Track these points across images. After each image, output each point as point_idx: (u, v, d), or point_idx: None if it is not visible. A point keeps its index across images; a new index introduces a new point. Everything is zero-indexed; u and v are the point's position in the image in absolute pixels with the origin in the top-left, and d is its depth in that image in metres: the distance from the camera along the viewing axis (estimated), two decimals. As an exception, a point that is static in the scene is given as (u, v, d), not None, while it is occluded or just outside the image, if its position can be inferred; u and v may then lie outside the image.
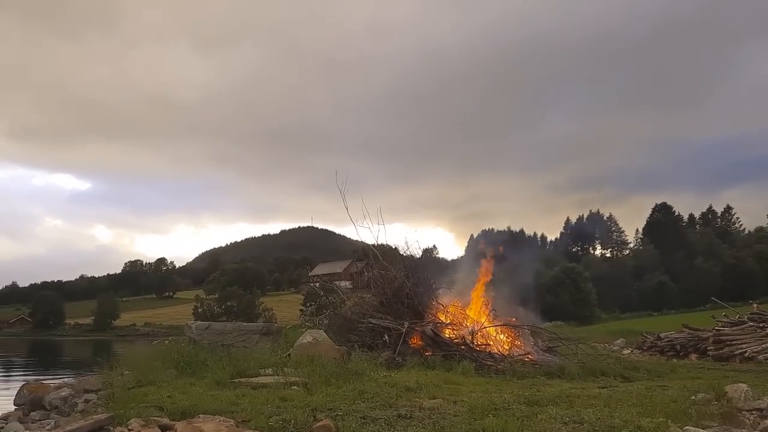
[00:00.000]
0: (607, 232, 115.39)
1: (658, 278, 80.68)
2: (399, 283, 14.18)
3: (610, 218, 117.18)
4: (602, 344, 21.16)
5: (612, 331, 29.75)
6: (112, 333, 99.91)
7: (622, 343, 23.48)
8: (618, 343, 23.25)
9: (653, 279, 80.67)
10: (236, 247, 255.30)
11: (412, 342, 12.90)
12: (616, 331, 29.08)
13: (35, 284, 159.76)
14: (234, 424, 5.82)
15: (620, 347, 21.95)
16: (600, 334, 27.72)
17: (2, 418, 8.74)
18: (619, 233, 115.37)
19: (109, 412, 6.44)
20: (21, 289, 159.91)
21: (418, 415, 6.35)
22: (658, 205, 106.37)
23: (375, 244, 16.05)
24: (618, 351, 19.70)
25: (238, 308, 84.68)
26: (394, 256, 15.94)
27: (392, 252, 16.41)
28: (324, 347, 10.46)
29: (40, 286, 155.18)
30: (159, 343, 13.41)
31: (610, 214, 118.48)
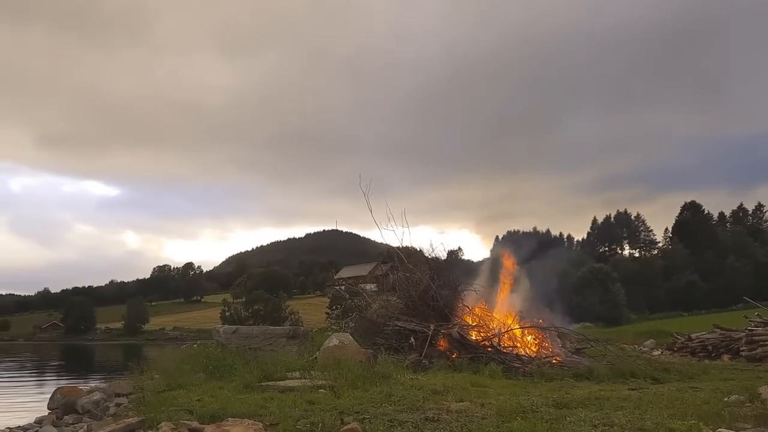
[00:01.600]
0: (634, 232, 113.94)
1: (688, 278, 79.48)
2: (424, 285, 14.15)
3: (637, 218, 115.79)
4: (631, 345, 20.88)
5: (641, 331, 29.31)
6: (141, 337, 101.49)
7: (651, 344, 23.12)
8: (648, 344, 22.90)
9: (683, 279, 79.49)
10: (262, 251, 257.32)
11: (438, 344, 12.85)
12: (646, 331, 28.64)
13: (67, 290, 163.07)
14: (262, 427, 5.85)
15: (650, 348, 21.62)
16: (629, 335, 27.35)
17: (37, 422, 8.93)
18: (647, 232, 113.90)
19: (140, 415, 6.54)
20: (53, 294, 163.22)
21: (445, 418, 6.33)
22: (686, 204, 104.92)
23: (400, 247, 16.07)
24: (648, 352, 19.40)
25: (264, 312, 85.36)
26: (419, 258, 15.92)
27: (417, 254, 16.40)
28: (350, 350, 10.47)
29: (72, 291, 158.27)
30: (188, 347, 13.61)
31: (637, 214, 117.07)
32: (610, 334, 24.16)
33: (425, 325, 12.98)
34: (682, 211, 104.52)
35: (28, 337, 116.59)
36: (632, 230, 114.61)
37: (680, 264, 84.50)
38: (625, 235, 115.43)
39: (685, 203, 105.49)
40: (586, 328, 27.67)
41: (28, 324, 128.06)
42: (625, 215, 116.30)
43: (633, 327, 39.15)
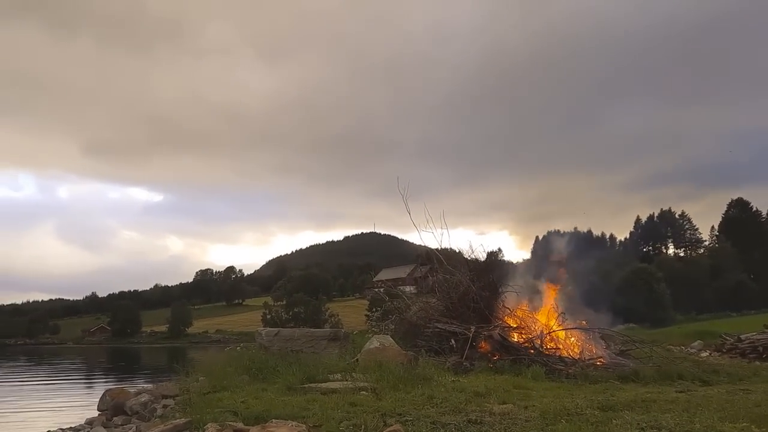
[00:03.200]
0: (679, 231, 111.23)
1: (737, 277, 77.20)
2: (464, 287, 14.08)
3: (682, 216, 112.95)
4: (678, 347, 20.36)
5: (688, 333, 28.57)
6: (185, 340, 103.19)
7: (699, 345, 22.52)
8: (695, 346, 22.31)
9: (731, 278, 77.25)
10: (301, 255, 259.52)
11: (479, 346, 12.77)
12: (693, 332, 27.89)
13: (113, 294, 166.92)
14: (306, 428, 5.90)
15: (697, 350, 21.06)
16: (675, 336, 26.67)
17: (87, 423, 9.19)
18: (692, 231, 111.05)
19: (186, 417, 6.66)
20: (100, 299, 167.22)
21: (488, 420, 6.29)
22: (733, 201, 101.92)
23: (439, 249, 16.02)
24: (695, 354, 18.92)
25: (305, 314, 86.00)
26: (458, 260, 15.85)
27: (456, 256, 16.33)
28: (391, 352, 10.49)
29: (118, 295, 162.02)
30: (231, 349, 13.82)
31: (682, 212, 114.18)
32: (656, 335, 23.60)
33: (466, 327, 12.91)
34: (729, 208, 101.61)
35: (77, 340, 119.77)
36: (677, 229, 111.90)
37: (728, 263, 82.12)
38: (669, 234, 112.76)
39: (732, 200, 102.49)
40: (630, 329, 27.09)
41: (76, 328, 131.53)
42: (670, 214, 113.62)
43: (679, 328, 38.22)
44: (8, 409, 20.90)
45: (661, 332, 31.66)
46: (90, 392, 27.60)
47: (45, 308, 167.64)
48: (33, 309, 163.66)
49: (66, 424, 10.19)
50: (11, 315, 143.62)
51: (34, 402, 23.08)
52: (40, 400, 23.67)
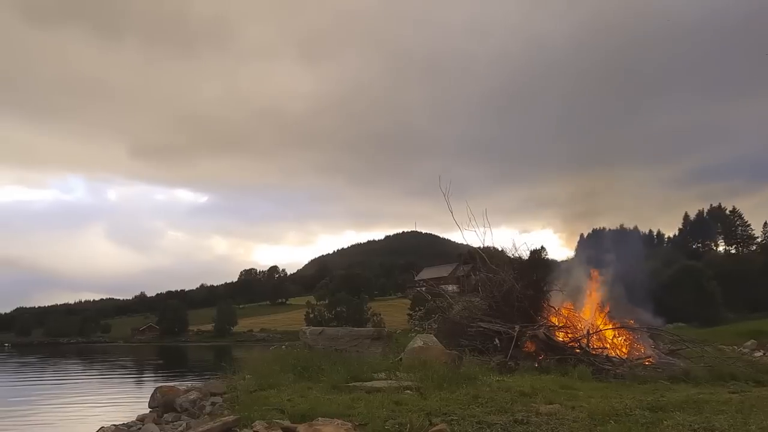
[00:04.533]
0: (730, 227, 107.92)
1: (792, 274, 74.43)
2: (508, 285, 13.97)
3: (733, 212, 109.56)
4: (730, 346, 19.80)
5: (741, 332, 27.75)
6: (230, 339, 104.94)
7: (752, 344, 21.87)
8: (748, 345, 21.67)
9: (786, 275, 74.50)
10: (343, 254, 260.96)
11: (524, 346, 12.66)
12: (746, 332, 27.09)
13: (161, 294, 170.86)
14: (352, 427, 5.95)
15: (751, 349, 20.46)
16: (727, 335, 25.94)
17: (139, 419, 9.40)
18: (744, 228, 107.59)
19: (234, 414, 6.78)
20: (149, 298, 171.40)
21: (535, 420, 6.23)
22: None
23: (481, 247, 15.93)
24: (748, 353, 18.38)
25: (347, 313, 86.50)
26: (501, 258, 15.73)
27: (499, 255, 16.21)
28: (435, 352, 10.46)
29: (166, 295, 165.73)
30: (276, 348, 14.00)
31: (733, 208, 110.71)
32: (706, 334, 23.00)
33: (510, 326, 12.81)
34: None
35: (127, 339, 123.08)
36: (727, 225, 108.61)
37: (783, 260, 79.35)
38: (719, 230, 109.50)
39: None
40: (679, 328, 26.46)
41: (126, 327, 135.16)
42: (720, 210, 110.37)
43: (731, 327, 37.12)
44: (63, 405, 21.64)
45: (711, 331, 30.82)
46: (140, 389, 28.35)
47: (96, 308, 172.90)
48: (85, 309, 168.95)
49: (118, 420, 10.47)
50: (65, 315, 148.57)
51: (87, 398, 23.82)
52: (92, 397, 24.42)
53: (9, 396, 26.86)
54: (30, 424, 17.38)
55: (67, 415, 19.18)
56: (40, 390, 29.94)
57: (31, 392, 28.59)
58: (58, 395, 25.70)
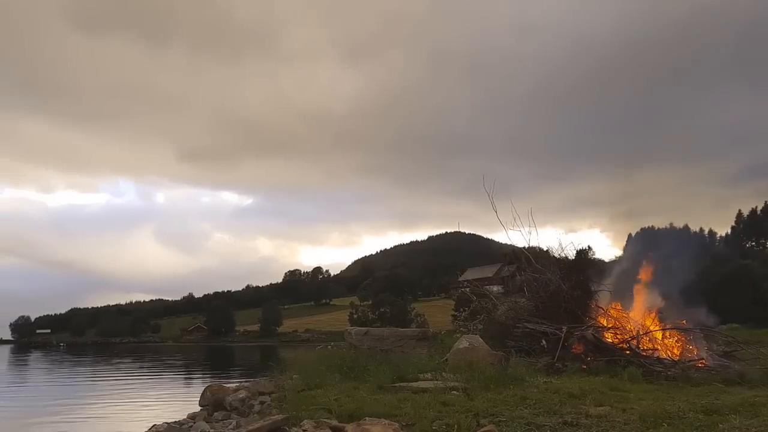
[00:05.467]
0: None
1: None
2: (554, 286, 13.76)
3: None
4: (788, 349, 19.11)
5: (799, 333, 26.77)
6: (276, 339, 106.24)
7: (812, 347, 21.03)
8: (807, 348, 20.85)
9: None
10: (386, 255, 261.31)
11: (571, 347, 12.46)
12: (805, 333, 26.11)
13: (208, 294, 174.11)
14: (399, 427, 5.96)
15: (811, 352, 19.67)
16: (785, 337, 25.04)
17: (190, 417, 9.62)
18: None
19: (283, 413, 6.87)
20: (196, 299, 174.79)
21: (584, 422, 6.13)
22: None
23: (526, 247, 15.74)
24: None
25: (390, 314, 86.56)
26: (547, 258, 15.51)
27: (545, 255, 15.98)
28: (481, 352, 10.41)
29: (213, 296, 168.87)
30: (322, 348, 14.12)
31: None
32: (762, 335, 22.22)
33: (557, 327, 12.62)
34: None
35: (176, 338, 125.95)
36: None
37: (843, 259, 76.10)
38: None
39: None
40: (733, 329, 25.67)
41: (175, 327, 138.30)
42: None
43: (789, 329, 35.82)
44: (116, 402, 22.27)
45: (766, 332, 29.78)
46: (189, 388, 28.97)
47: (146, 308, 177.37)
48: (135, 309, 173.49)
49: (170, 417, 10.74)
50: (117, 315, 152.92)
51: (138, 396, 24.47)
52: (144, 395, 25.05)
53: (65, 393, 27.82)
54: (86, 421, 17.95)
55: (120, 412, 19.74)
56: (94, 388, 30.92)
57: (86, 390, 29.56)
58: (111, 393, 26.47)
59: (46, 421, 18.01)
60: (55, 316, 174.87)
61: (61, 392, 28.68)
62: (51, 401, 24.02)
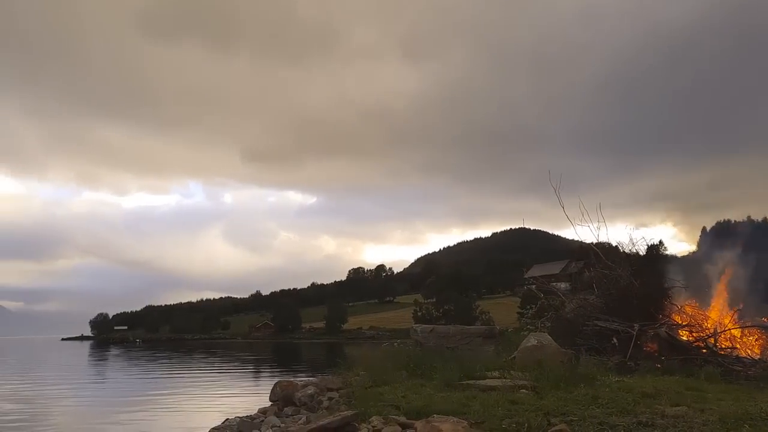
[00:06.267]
0: None
1: None
2: (625, 282, 13.38)
3: None
4: None
5: None
6: (341, 336, 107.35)
7: None
8: None
9: None
10: (449, 252, 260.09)
11: (644, 345, 12.10)
12: None
13: (275, 292, 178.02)
14: (467, 425, 5.93)
15: None
16: None
17: (261, 412, 9.87)
18: None
19: (352, 409, 6.95)
20: (263, 297, 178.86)
21: (660, 423, 5.94)
22: None
23: (595, 243, 15.36)
24: None
25: (455, 311, 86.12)
26: (617, 254, 15.09)
27: (614, 250, 15.56)
28: (550, 351, 10.23)
29: (279, 294, 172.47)
30: (388, 345, 14.20)
31: None
32: None
33: (628, 324, 12.27)
34: None
35: (245, 335, 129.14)
36: None
37: None
38: None
39: None
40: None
41: (244, 324, 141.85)
42: None
43: None
44: (189, 397, 23.04)
45: None
46: (258, 383, 29.66)
47: (216, 306, 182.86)
48: (206, 307, 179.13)
49: (241, 412, 11.05)
50: (188, 312, 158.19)
51: (211, 391, 25.22)
52: (216, 389, 25.81)
53: (143, 387, 28.98)
54: (162, 414, 18.65)
55: (194, 406, 20.40)
56: (169, 382, 32.08)
57: (161, 384, 30.69)
58: (185, 387, 27.39)
59: (125, 413, 18.83)
60: (131, 313, 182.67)
61: (138, 386, 29.91)
62: (129, 394, 25.09)
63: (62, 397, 24.46)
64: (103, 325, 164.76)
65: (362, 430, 6.13)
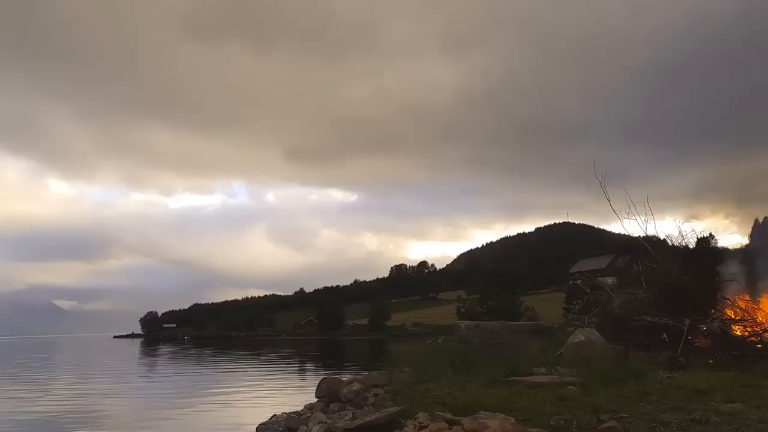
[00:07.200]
0: None
1: None
2: (675, 276, 13.06)
3: None
4: None
5: None
6: (384, 333, 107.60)
7: None
8: None
9: None
10: (492, 248, 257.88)
11: (695, 340, 11.80)
12: None
13: (318, 289, 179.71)
14: (515, 422, 5.89)
15: None
16: None
17: (308, 408, 9.97)
18: None
19: (398, 405, 6.97)
20: (307, 294, 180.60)
21: (715, 420, 5.79)
22: None
23: (643, 236, 15.02)
24: None
25: (499, 307, 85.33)
26: (666, 248, 14.74)
27: (663, 244, 15.20)
28: (598, 347, 10.07)
29: (322, 291, 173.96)
30: (432, 342, 14.19)
31: None
32: None
33: (679, 319, 11.97)
34: None
35: (289, 332, 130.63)
36: None
37: None
38: None
39: None
40: None
41: (288, 321, 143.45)
42: None
43: None
44: (237, 392, 23.44)
45: None
46: (303, 379, 30.02)
47: (261, 303, 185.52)
48: (252, 304, 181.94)
49: (288, 408, 11.18)
50: (234, 310, 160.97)
51: (258, 387, 25.61)
52: (262, 386, 26.20)
53: (191, 383, 29.64)
54: (209, 409, 19.02)
55: (242, 401, 20.75)
56: (216, 378, 32.72)
57: (209, 380, 31.32)
58: (233, 383, 27.89)
59: (175, 408, 19.28)
60: (179, 312, 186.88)
61: (187, 382, 30.61)
62: (179, 390, 25.68)
63: (116, 394, 25.21)
64: (153, 323, 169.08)
65: (408, 426, 6.14)
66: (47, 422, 16.93)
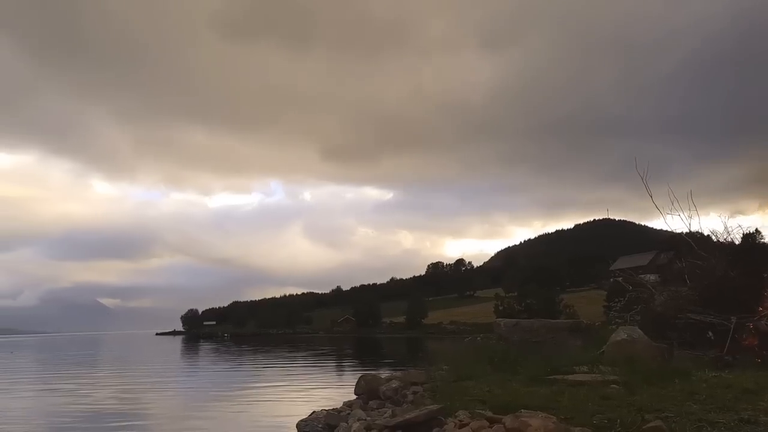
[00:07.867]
0: None
1: None
2: (720, 273, 12.73)
3: None
4: None
5: None
6: (421, 331, 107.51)
7: None
8: None
9: None
10: (530, 245, 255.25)
11: (742, 339, 11.49)
12: None
13: (355, 287, 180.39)
14: (557, 420, 5.82)
15: None
16: None
17: (347, 405, 10.03)
18: None
19: (437, 403, 6.97)
20: (344, 292, 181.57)
21: (764, 420, 5.63)
22: None
23: (686, 233, 14.68)
24: None
25: (537, 305, 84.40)
26: (710, 244, 14.38)
27: (707, 240, 14.84)
28: (641, 345, 9.89)
29: (359, 289, 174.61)
30: (470, 340, 14.13)
31: None
32: None
33: (725, 317, 11.68)
34: None
35: (327, 330, 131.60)
36: None
37: None
38: None
39: None
40: None
41: (326, 319, 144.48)
42: None
43: None
44: (277, 389, 23.69)
45: None
46: (341, 377, 30.18)
47: (299, 301, 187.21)
48: (289, 302, 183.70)
49: (327, 405, 11.28)
50: (273, 308, 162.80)
51: (297, 384, 25.84)
52: (301, 382, 26.43)
53: (231, 379, 30.09)
54: (249, 405, 19.27)
55: (281, 398, 20.96)
56: (255, 374, 33.15)
57: (248, 376, 31.74)
58: (272, 380, 28.17)
59: (216, 403, 19.62)
60: (219, 309, 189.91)
61: (227, 378, 31.07)
62: (220, 386, 26.08)
63: (159, 389, 25.73)
64: (193, 321, 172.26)
65: (449, 424, 6.13)
66: (99, 415, 17.40)
